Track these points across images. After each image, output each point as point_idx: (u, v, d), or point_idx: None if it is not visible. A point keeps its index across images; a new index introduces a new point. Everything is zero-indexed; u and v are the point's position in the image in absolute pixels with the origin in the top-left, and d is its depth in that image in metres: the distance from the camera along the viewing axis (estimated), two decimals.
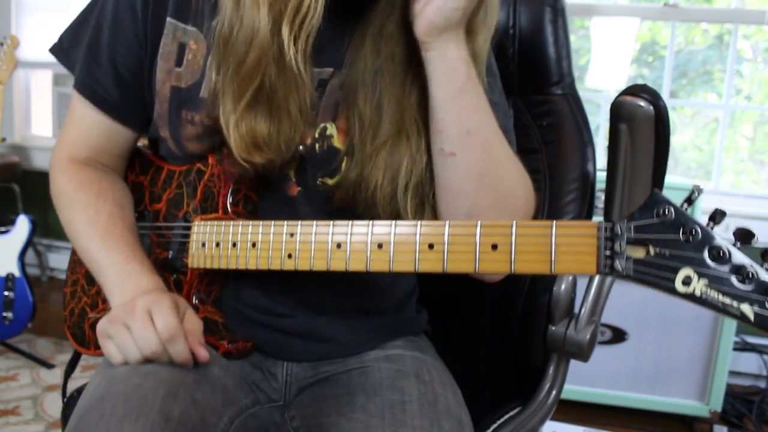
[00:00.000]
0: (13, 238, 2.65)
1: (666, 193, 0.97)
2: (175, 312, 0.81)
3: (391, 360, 0.96)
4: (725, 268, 0.59)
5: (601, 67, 3.06)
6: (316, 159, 0.92)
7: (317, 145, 0.91)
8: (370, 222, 0.76)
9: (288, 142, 0.85)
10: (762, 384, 2.59)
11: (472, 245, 0.70)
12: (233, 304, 0.97)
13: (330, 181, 0.92)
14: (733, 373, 2.59)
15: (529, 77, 1.22)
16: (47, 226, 3.45)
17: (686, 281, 0.60)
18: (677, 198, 0.60)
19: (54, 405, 2.31)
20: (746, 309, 0.58)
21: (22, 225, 2.66)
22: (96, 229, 0.92)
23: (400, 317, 1.05)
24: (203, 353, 0.82)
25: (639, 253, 0.63)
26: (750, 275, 0.58)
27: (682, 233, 0.61)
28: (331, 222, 0.78)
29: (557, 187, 1.17)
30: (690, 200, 0.64)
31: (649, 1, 2.94)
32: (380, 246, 0.75)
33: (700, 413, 2.27)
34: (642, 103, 0.91)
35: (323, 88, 0.90)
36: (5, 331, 2.58)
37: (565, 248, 0.66)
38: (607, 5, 2.95)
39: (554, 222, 0.67)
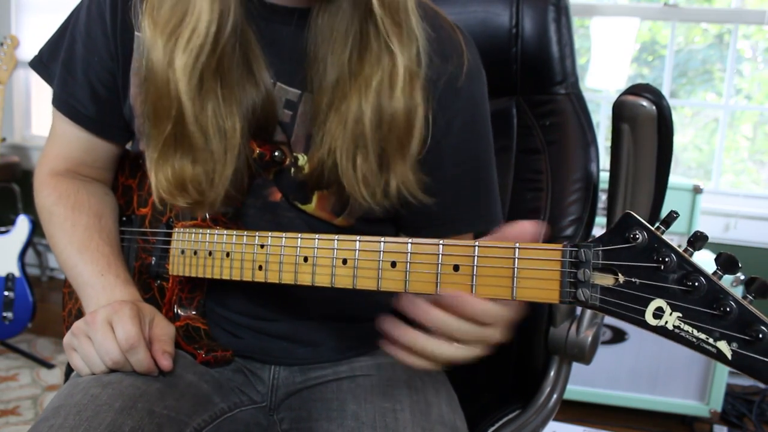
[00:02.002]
0: (13, 238, 2.64)
1: (666, 193, 0.97)
2: (135, 321, 0.80)
3: (383, 368, 0.95)
4: (701, 301, 0.53)
5: (601, 66, 3.06)
6: (290, 185, 0.90)
7: (292, 170, 0.89)
8: (335, 237, 0.74)
9: (215, 178, 0.82)
10: (762, 384, 2.59)
11: (434, 265, 0.67)
12: (218, 309, 0.96)
13: (301, 206, 0.91)
14: (733, 373, 2.60)
15: (532, 77, 1.21)
16: None
17: (657, 314, 0.55)
18: (677, 198, 0.56)
19: None
20: (723, 347, 0.52)
21: (22, 225, 2.66)
22: (72, 243, 0.91)
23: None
24: (165, 363, 0.82)
25: (607, 280, 0.57)
26: (728, 308, 0.52)
27: (655, 260, 0.55)
28: (299, 234, 0.77)
29: (560, 187, 1.16)
30: (667, 223, 0.56)
31: (649, 1, 2.95)
32: (344, 262, 0.73)
33: (700, 413, 2.27)
34: (644, 103, 0.91)
35: (294, 111, 0.88)
36: (5, 331, 2.58)
37: (528, 273, 0.61)
38: (607, 5, 2.95)
39: (517, 243, 0.62)
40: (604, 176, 1.03)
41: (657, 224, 0.56)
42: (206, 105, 0.80)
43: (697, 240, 0.54)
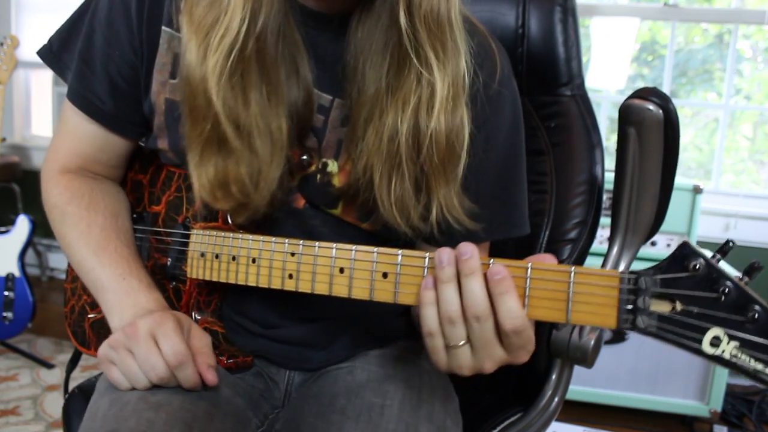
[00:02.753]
0: (13, 238, 2.64)
1: None
2: (180, 334, 0.77)
3: (385, 363, 0.94)
4: (759, 331, 0.54)
5: (601, 66, 3.06)
6: (316, 190, 0.88)
7: (318, 176, 0.87)
8: (375, 249, 0.73)
9: (261, 181, 0.80)
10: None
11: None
12: (233, 316, 0.95)
13: (328, 210, 0.89)
14: (733, 373, 2.60)
15: (538, 78, 1.20)
16: (47, 226, 3.42)
17: (715, 342, 0.55)
18: (677, 198, 0.57)
19: (54, 405, 2.30)
20: None
21: (22, 225, 2.65)
22: (89, 244, 0.88)
23: (404, 321, 1.02)
24: (212, 378, 0.79)
25: (664, 307, 0.58)
26: None
27: (714, 290, 0.56)
28: (334, 245, 0.75)
29: (564, 189, 1.15)
30: (724, 251, 0.58)
31: (649, 1, 2.94)
32: (385, 275, 0.71)
33: (700, 413, 2.27)
34: (651, 107, 0.90)
35: (326, 116, 0.86)
36: (5, 331, 2.57)
37: (583, 297, 0.62)
38: (607, 5, 2.95)
39: (573, 268, 0.62)
40: (608, 177, 1.03)
41: (714, 253, 0.58)
42: (249, 104, 0.77)
43: (753, 270, 0.57)
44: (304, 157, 0.86)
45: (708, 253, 0.58)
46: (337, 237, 0.87)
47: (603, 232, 2.08)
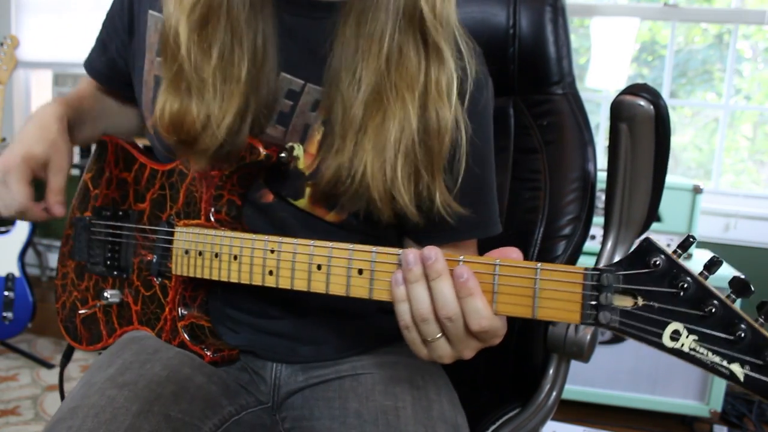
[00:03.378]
0: (13, 238, 2.65)
1: (666, 193, 0.97)
2: (21, 182, 0.88)
3: (384, 366, 0.95)
4: (716, 326, 0.56)
5: (601, 66, 3.06)
6: (282, 179, 0.90)
7: (284, 161, 0.89)
8: (350, 246, 0.74)
9: (209, 127, 0.84)
10: None
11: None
12: (220, 307, 0.96)
13: (294, 201, 0.91)
14: None
15: (530, 77, 1.21)
16: (47, 226, 3.45)
17: (674, 336, 0.57)
18: (677, 198, 0.58)
19: (54, 405, 2.31)
20: (736, 369, 0.55)
21: (22, 225, 2.66)
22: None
23: (393, 322, 1.03)
24: (59, 211, 0.93)
25: (626, 302, 0.60)
26: (742, 333, 0.55)
27: (674, 286, 0.57)
28: (312, 242, 0.77)
29: (557, 187, 1.16)
30: (684, 247, 0.59)
31: (649, 1, 2.94)
32: (360, 272, 0.73)
33: (700, 413, 2.27)
34: (642, 103, 0.91)
35: (295, 102, 0.89)
36: (5, 331, 2.58)
37: (549, 293, 0.63)
38: (607, 5, 2.96)
39: (539, 264, 0.64)
40: (602, 176, 1.03)
41: (675, 248, 0.59)
42: (211, 57, 0.83)
43: (713, 265, 0.58)
44: (283, 155, 0.88)
45: (671, 249, 0.59)
46: (306, 229, 0.90)
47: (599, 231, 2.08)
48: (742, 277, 0.56)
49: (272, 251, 0.80)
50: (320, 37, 0.85)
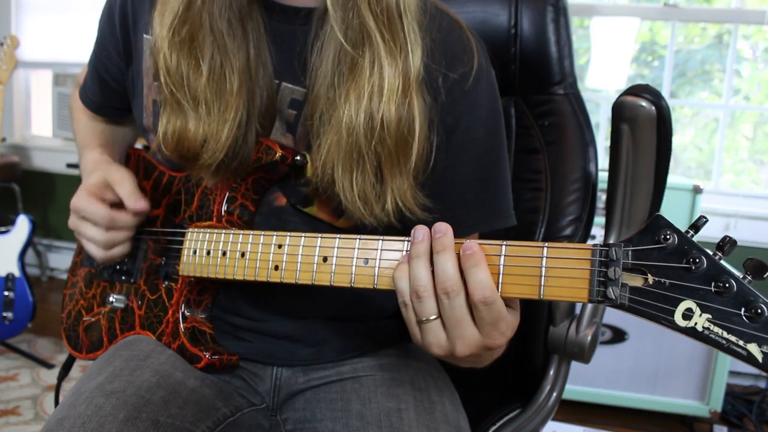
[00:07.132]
0: (13, 238, 2.65)
1: (666, 193, 0.97)
2: (95, 201, 0.90)
3: (385, 368, 0.95)
4: (732, 303, 0.53)
5: (601, 66, 3.06)
6: (292, 187, 0.91)
7: (294, 172, 0.90)
8: (357, 237, 0.74)
9: (209, 146, 0.85)
10: (762, 384, 2.59)
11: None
12: (221, 313, 0.96)
13: (303, 209, 0.91)
14: (733, 373, 2.60)
15: (531, 77, 1.21)
16: (47, 226, 3.45)
17: (687, 315, 0.55)
18: (677, 198, 0.57)
19: (54, 406, 2.30)
20: (753, 349, 0.52)
21: (22, 225, 2.66)
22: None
23: (393, 324, 1.03)
24: (142, 206, 0.91)
25: (636, 281, 0.57)
26: (759, 311, 0.52)
27: (686, 262, 0.55)
28: (319, 235, 0.77)
29: (559, 187, 1.16)
30: (696, 227, 0.56)
31: (649, 1, 2.95)
32: (366, 262, 0.73)
33: (700, 413, 2.27)
34: (644, 104, 0.91)
35: (298, 111, 0.89)
36: (5, 331, 2.58)
37: (556, 272, 0.61)
38: (607, 5, 2.96)
39: (546, 244, 0.62)
40: (603, 176, 1.03)
41: (687, 228, 0.57)
42: (201, 73, 0.84)
43: (726, 244, 0.55)
44: (298, 158, 0.87)
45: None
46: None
47: (600, 232, 2.08)
48: (760, 260, 0.54)
49: (280, 246, 0.79)
50: (309, 45, 0.85)
